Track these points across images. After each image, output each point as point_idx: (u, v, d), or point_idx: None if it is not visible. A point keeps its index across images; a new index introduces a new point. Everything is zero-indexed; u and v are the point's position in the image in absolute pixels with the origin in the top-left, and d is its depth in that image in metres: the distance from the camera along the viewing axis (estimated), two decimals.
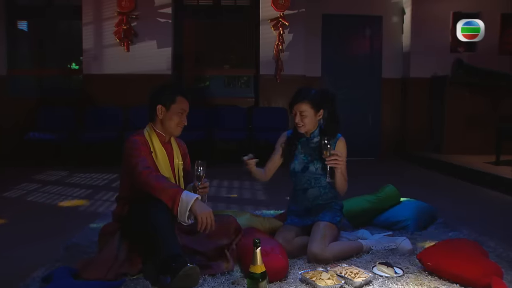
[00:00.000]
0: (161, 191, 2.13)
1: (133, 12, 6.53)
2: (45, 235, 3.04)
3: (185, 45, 7.15)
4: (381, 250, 2.62)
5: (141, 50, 6.57)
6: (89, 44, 6.59)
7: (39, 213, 3.72)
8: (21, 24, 7.18)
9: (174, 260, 1.99)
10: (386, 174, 5.88)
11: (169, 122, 2.39)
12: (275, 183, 2.72)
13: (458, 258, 2.19)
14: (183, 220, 2.12)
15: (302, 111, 2.55)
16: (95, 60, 6.56)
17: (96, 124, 6.32)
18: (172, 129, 2.41)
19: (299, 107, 2.56)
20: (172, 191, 2.13)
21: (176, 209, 2.11)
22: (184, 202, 2.10)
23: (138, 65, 6.51)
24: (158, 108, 2.38)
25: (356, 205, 3.16)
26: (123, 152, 2.34)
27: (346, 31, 7.22)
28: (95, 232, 2.75)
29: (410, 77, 7.01)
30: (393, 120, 7.28)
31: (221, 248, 2.33)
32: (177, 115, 2.39)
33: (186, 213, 2.10)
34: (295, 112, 2.58)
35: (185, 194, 2.12)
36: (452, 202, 4.13)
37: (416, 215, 3.11)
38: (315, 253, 2.38)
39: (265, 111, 6.73)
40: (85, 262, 2.25)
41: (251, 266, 1.87)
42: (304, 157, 2.66)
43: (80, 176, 5.38)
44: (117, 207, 2.46)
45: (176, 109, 2.38)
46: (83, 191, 4.59)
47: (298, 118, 2.57)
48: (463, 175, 5.31)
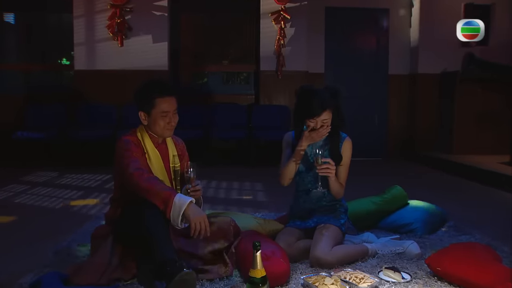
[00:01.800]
0: (153, 194, 2.12)
1: (127, 5, 6.52)
2: (34, 239, 3.04)
3: (182, 40, 7.15)
4: (388, 254, 2.62)
5: (136, 45, 6.57)
6: (80, 38, 6.58)
7: (27, 216, 3.72)
8: (7, 16, 7.18)
9: (170, 265, 1.98)
10: (392, 174, 5.88)
11: (155, 126, 2.36)
12: (277, 184, 2.71)
13: (469, 263, 2.18)
14: (176, 224, 2.12)
15: (324, 120, 2.52)
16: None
17: (89, 123, 6.32)
18: (160, 132, 2.38)
19: (321, 117, 2.51)
20: (165, 194, 2.11)
21: (169, 213, 2.10)
22: (177, 206, 2.09)
23: (132, 61, 6.51)
24: (141, 115, 2.36)
25: (361, 207, 3.16)
26: (114, 152, 2.34)
27: (351, 25, 7.21)
28: (86, 235, 2.74)
29: (418, 73, 7.01)
30: (400, 118, 7.28)
31: (219, 251, 2.33)
32: (161, 119, 2.33)
33: (179, 218, 2.09)
34: (315, 121, 2.52)
35: (178, 197, 2.11)
36: (463, 204, 4.12)
37: (425, 217, 3.11)
38: (318, 257, 2.38)
39: (265, 109, 6.73)
40: (76, 267, 2.25)
41: (251, 270, 1.87)
42: (310, 156, 2.66)
43: (71, 177, 5.38)
44: (110, 209, 2.46)
45: (157, 113, 2.32)
46: (74, 192, 4.59)
47: (319, 126, 2.53)
48: (475, 176, 5.30)
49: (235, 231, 2.42)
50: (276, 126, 6.40)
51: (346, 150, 2.63)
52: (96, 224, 2.90)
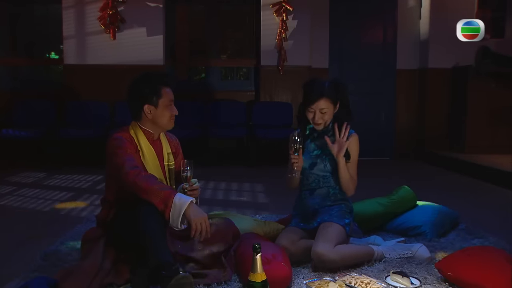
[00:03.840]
0: (151, 194, 2.13)
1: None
2: (20, 243, 3.04)
3: (178, 33, 7.15)
4: (396, 258, 2.62)
5: (129, 38, 6.57)
6: (70, 31, 6.57)
7: (13, 218, 3.72)
8: None
9: (165, 268, 1.98)
10: (400, 174, 5.89)
11: (161, 119, 2.39)
12: (279, 185, 2.72)
13: (483, 268, 2.18)
14: (176, 225, 2.13)
15: (322, 109, 2.58)
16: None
17: (79, 120, 6.32)
18: (165, 125, 2.42)
19: (319, 105, 2.58)
20: (164, 193, 2.13)
21: (168, 214, 2.11)
22: (177, 206, 2.10)
23: (125, 55, 6.51)
24: (146, 108, 2.37)
25: (368, 209, 3.16)
26: (106, 151, 2.34)
27: (357, 17, 7.21)
28: (77, 238, 2.74)
29: (429, 68, 7.00)
30: (409, 116, 7.27)
31: (218, 254, 2.33)
32: (167, 109, 2.38)
33: (179, 218, 2.10)
34: (313, 110, 2.59)
35: (178, 197, 2.12)
36: (475, 206, 4.12)
37: (435, 220, 3.11)
38: (320, 253, 2.37)
39: (266, 106, 6.73)
40: (66, 272, 2.25)
41: (251, 274, 1.87)
42: (315, 151, 2.68)
43: (60, 178, 5.38)
44: (102, 210, 2.46)
45: (165, 103, 2.37)
46: (64, 194, 4.59)
47: (319, 116, 2.59)
48: (488, 176, 5.29)
49: (234, 233, 2.42)
50: (277, 124, 6.40)
51: (353, 145, 2.64)
52: (87, 227, 2.91)
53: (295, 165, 2.54)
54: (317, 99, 2.57)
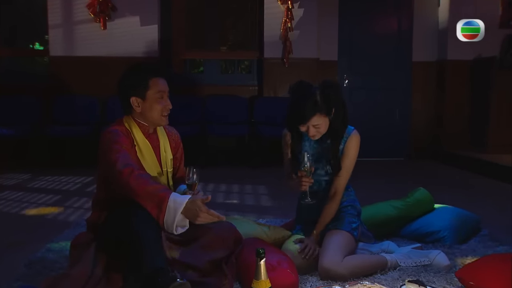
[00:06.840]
0: (145, 197, 2.13)
1: None
2: (2, 249, 3.03)
3: (174, 23, 7.16)
4: (411, 266, 2.61)
5: (121, 28, 6.59)
6: (56, 20, 6.59)
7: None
8: None
9: (161, 275, 1.99)
10: (416, 176, 5.88)
11: (151, 113, 2.39)
12: (283, 187, 2.72)
13: (507, 278, 2.18)
14: (171, 231, 2.13)
15: (316, 124, 2.57)
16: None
17: (67, 117, 6.34)
18: (156, 119, 2.42)
19: (312, 122, 2.56)
20: (158, 196, 2.12)
21: (162, 219, 2.11)
22: (171, 210, 2.10)
23: (117, 46, 6.53)
24: (133, 101, 2.38)
25: (381, 212, 3.17)
26: (99, 146, 2.35)
27: (369, 5, 7.22)
28: (64, 244, 2.75)
29: (448, 60, 6.99)
30: (426, 113, 7.27)
31: (218, 261, 2.33)
32: (157, 102, 2.38)
33: (174, 224, 2.10)
34: (307, 127, 2.58)
35: (172, 200, 2.11)
36: (499, 210, 4.11)
37: (454, 224, 3.11)
38: (327, 268, 2.37)
39: (270, 102, 6.75)
40: (52, 280, 2.24)
41: (254, 281, 1.87)
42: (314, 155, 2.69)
43: (46, 180, 5.39)
44: (92, 214, 2.47)
45: (153, 95, 2.37)
46: (51, 196, 4.60)
47: (313, 131, 2.58)
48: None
49: (235, 238, 2.42)
50: (281, 122, 6.36)
51: (351, 147, 2.65)
52: (75, 232, 2.91)
53: (306, 187, 2.54)
54: (310, 117, 2.54)
